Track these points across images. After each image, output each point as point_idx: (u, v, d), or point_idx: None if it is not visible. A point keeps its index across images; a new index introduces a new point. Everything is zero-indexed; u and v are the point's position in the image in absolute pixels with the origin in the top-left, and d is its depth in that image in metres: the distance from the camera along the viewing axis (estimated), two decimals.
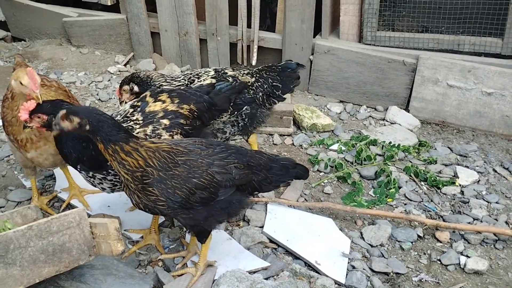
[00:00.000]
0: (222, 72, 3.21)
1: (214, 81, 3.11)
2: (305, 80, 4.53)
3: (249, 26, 4.57)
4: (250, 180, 2.46)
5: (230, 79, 3.14)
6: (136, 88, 3.09)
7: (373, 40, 4.28)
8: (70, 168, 3.00)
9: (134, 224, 2.92)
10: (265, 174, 2.50)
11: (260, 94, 3.24)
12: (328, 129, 4.04)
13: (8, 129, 2.74)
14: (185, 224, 2.56)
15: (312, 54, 4.43)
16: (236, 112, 3.19)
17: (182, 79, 3.16)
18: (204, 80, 3.15)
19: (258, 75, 3.30)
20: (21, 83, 2.51)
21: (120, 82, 3.14)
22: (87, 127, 2.20)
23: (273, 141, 3.89)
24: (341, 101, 4.47)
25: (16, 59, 3.24)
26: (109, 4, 5.04)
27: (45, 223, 2.07)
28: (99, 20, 5.04)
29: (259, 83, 3.25)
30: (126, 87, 3.10)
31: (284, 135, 3.96)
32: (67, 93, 2.94)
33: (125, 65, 4.99)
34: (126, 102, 3.06)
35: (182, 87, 3.00)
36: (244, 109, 3.21)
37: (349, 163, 3.62)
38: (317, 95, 4.55)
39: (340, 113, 4.32)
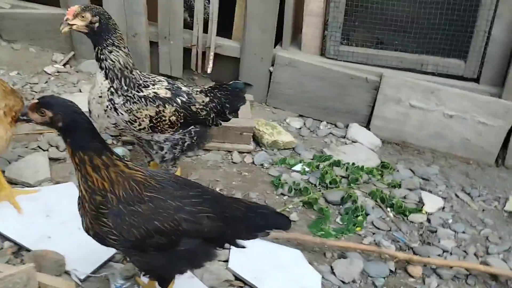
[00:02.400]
0: (175, 85, 2.94)
1: (169, 93, 2.86)
2: (263, 92, 4.31)
3: (205, 31, 4.27)
4: (222, 234, 2.16)
5: (185, 96, 2.89)
6: (96, 25, 2.62)
7: (336, 54, 4.13)
8: None
9: (82, 262, 2.55)
10: (240, 227, 2.19)
11: (213, 114, 3.00)
12: (289, 147, 3.84)
13: None
14: (139, 268, 2.26)
15: (272, 65, 4.21)
16: (182, 130, 2.92)
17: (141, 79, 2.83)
18: (158, 89, 2.85)
19: (212, 94, 3.04)
20: None
21: (85, 6, 2.62)
22: (59, 124, 1.93)
23: (232, 159, 3.63)
24: (300, 115, 4.29)
25: None
26: None
27: None
28: (35, 14, 4.51)
29: (214, 104, 3.00)
30: (88, 16, 2.60)
31: (243, 153, 3.71)
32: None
33: (64, 65, 4.51)
34: (70, 27, 2.63)
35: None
36: (192, 127, 2.96)
37: (313, 185, 3.45)
38: (276, 108, 4.34)
39: (300, 128, 4.14)
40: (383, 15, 4.00)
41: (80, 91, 4.15)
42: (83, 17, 2.64)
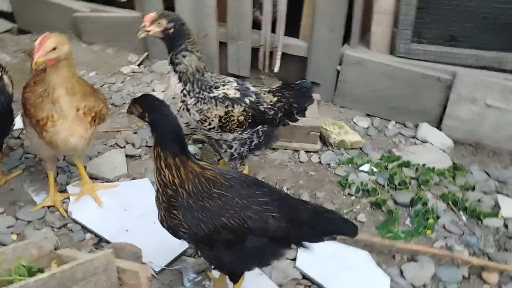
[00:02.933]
0: (244, 86, 3.00)
1: (238, 93, 2.93)
2: (330, 91, 4.29)
3: (273, 30, 4.31)
4: (287, 234, 2.19)
5: (253, 96, 2.94)
6: (171, 31, 2.77)
7: (407, 53, 4.02)
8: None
9: (157, 255, 2.68)
10: (306, 230, 2.20)
11: (280, 114, 3.02)
12: (356, 146, 3.80)
13: (30, 111, 2.64)
14: (209, 262, 2.36)
15: (340, 64, 4.17)
16: (250, 129, 2.98)
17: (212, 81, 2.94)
18: (227, 89, 2.93)
19: (279, 94, 3.06)
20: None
21: (162, 13, 2.79)
22: (147, 120, 2.15)
23: (299, 158, 3.65)
24: (367, 115, 4.23)
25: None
26: (122, 0, 4.76)
27: (69, 269, 1.83)
28: (112, 17, 4.76)
29: (281, 103, 3.02)
30: (164, 23, 2.76)
31: (310, 152, 3.72)
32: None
33: (138, 65, 4.72)
34: (147, 33, 2.79)
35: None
36: (260, 127, 3.01)
37: (381, 186, 3.40)
38: (343, 107, 4.30)
39: (368, 128, 4.08)
40: (458, 10, 3.84)
41: (153, 91, 4.33)
42: (159, 23, 2.78)
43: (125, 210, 2.97)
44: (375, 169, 3.53)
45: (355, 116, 4.19)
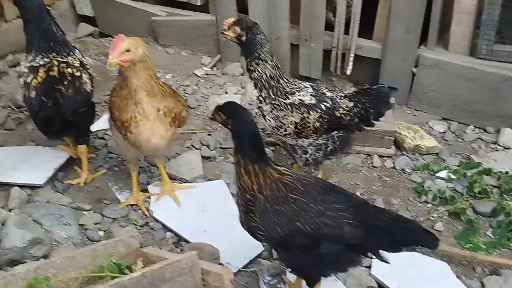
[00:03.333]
0: (319, 91, 3.01)
1: (314, 99, 2.94)
2: (404, 94, 4.19)
3: (346, 32, 4.27)
4: (363, 242, 2.18)
5: (329, 102, 2.94)
6: (243, 38, 2.88)
7: (489, 54, 3.85)
8: None
9: (233, 257, 2.75)
10: (382, 239, 2.18)
11: (356, 119, 2.98)
12: (432, 152, 3.70)
13: (115, 114, 2.78)
14: (285, 265, 2.40)
15: (416, 66, 4.06)
16: (325, 135, 2.98)
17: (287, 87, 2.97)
18: (303, 96, 2.95)
19: (356, 99, 3.03)
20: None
21: (238, 20, 2.92)
22: (229, 127, 2.24)
23: (372, 163, 3.60)
24: (444, 119, 4.09)
25: None
26: (199, 4, 4.89)
27: (158, 269, 1.93)
28: (188, 20, 4.90)
29: (358, 109, 2.98)
30: (238, 29, 2.87)
31: (384, 157, 3.66)
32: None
33: (212, 67, 4.84)
34: (225, 37, 2.93)
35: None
36: (336, 132, 2.99)
37: (459, 194, 3.28)
38: (417, 111, 4.19)
39: (444, 132, 3.95)
40: None
41: (226, 93, 4.43)
42: (234, 30, 2.88)
43: (202, 210, 3.07)
44: (453, 176, 3.41)
45: (430, 120, 4.07)
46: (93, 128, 3.82)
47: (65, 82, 2.97)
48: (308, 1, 4.23)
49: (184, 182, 3.33)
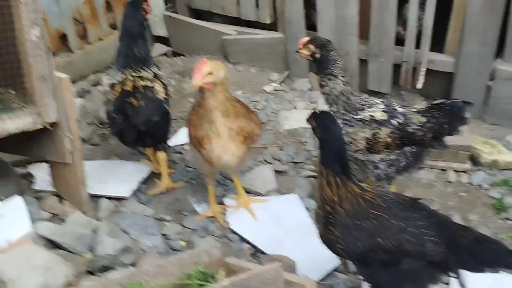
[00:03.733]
0: (391, 107, 3.02)
1: (385, 115, 2.95)
2: (479, 108, 4.10)
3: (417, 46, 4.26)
4: (445, 260, 2.17)
5: (401, 117, 2.94)
6: (317, 56, 3.00)
7: None
8: None
9: (309, 269, 2.80)
10: (465, 258, 2.15)
11: (430, 135, 2.95)
12: (511, 167, 3.58)
13: (191, 131, 2.97)
14: (365, 279, 2.41)
15: (491, 79, 3.97)
16: (397, 151, 2.96)
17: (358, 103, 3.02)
18: (374, 111, 2.98)
19: (429, 114, 2.99)
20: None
21: (312, 38, 3.07)
22: (317, 135, 2.34)
23: (447, 178, 3.55)
24: None
25: None
26: (268, 22, 5.04)
27: (246, 279, 2.03)
28: (257, 38, 5.06)
29: (431, 124, 2.95)
30: (312, 47, 3.00)
31: (459, 172, 3.59)
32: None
33: (280, 83, 4.96)
34: (300, 55, 3.07)
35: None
36: (408, 148, 2.98)
37: None
38: (494, 125, 4.09)
39: None
40: None
41: (295, 108, 4.52)
42: (308, 48, 2.97)
43: (277, 223, 3.15)
44: None
45: (508, 134, 3.96)
46: (171, 142, 4.04)
47: (137, 94, 3.18)
48: (378, 16, 4.26)
49: (258, 196, 3.43)
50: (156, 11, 5.51)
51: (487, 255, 2.16)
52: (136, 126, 3.13)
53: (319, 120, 2.31)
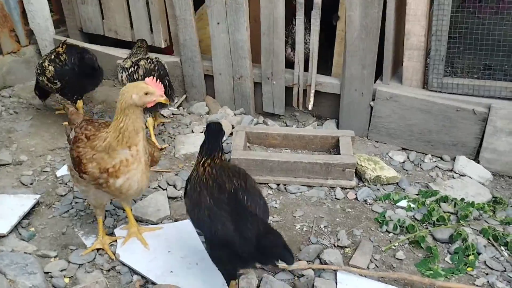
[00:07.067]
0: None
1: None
2: (364, 127, 4.36)
3: (305, 69, 4.45)
4: (234, 245, 2.36)
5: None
6: None
7: (440, 87, 4.06)
8: None
9: None
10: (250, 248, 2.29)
11: None
12: (393, 182, 3.83)
13: (91, 165, 2.73)
14: None
15: (373, 99, 4.25)
16: None
17: None
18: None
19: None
20: (145, 94, 2.59)
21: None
22: None
23: (335, 195, 3.71)
24: (403, 149, 4.26)
25: (69, 108, 3.33)
26: (162, 46, 5.02)
27: None
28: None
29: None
30: None
31: (346, 188, 3.78)
32: None
33: (177, 107, 4.93)
34: None
35: None
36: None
37: (419, 222, 3.40)
38: (377, 142, 4.35)
39: (404, 162, 4.11)
40: (490, 40, 3.85)
41: (193, 132, 4.51)
42: None
43: (169, 251, 3.10)
44: (412, 205, 3.54)
45: (390, 150, 4.23)
46: (58, 173, 3.85)
47: None
48: (268, 41, 4.41)
49: (151, 224, 3.36)
50: (45, 35, 5.28)
51: (268, 248, 2.27)
52: None
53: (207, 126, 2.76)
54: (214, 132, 2.72)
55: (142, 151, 2.74)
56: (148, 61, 4.22)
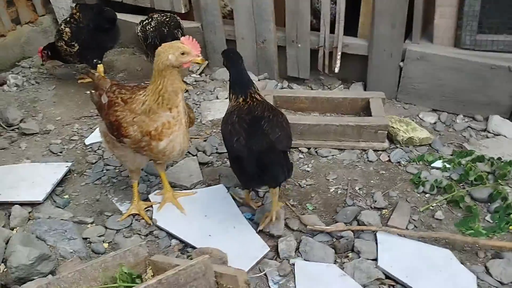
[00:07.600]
0: None
1: None
2: (393, 88, 4.26)
3: (331, 31, 4.33)
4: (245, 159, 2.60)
5: None
6: None
7: (473, 44, 3.94)
8: None
9: (240, 259, 2.75)
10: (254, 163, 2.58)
11: None
12: (425, 143, 3.76)
13: (130, 130, 2.66)
14: None
15: (402, 60, 4.13)
16: None
17: None
18: None
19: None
20: (181, 54, 2.52)
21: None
22: None
23: (367, 157, 3.65)
24: (433, 110, 4.17)
25: (95, 73, 3.25)
26: (183, 12, 4.90)
27: (173, 275, 1.94)
28: None
29: None
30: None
31: (378, 151, 3.71)
32: None
33: (200, 74, 4.85)
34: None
35: None
36: None
37: (456, 182, 3.34)
38: (407, 104, 4.26)
39: (435, 123, 4.02)
40: None
41: (217, 98, 4.44)
42: None
43: (205, 216, 3.08)
44: (447, 165, 3.48)
45: (420, 112, 4.14)
46: (87, 141, 3.83)
47: None
48: (293, 2, 4.28)
49: (184, 189, 3.33)
50: (62, 3, 5.19)
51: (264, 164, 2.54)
52: None
53: (226, 55, 2.95)
54: (236, 59, 2.94)
55: (182, 113, 2.68)
56: (162, 14, 4.32)
